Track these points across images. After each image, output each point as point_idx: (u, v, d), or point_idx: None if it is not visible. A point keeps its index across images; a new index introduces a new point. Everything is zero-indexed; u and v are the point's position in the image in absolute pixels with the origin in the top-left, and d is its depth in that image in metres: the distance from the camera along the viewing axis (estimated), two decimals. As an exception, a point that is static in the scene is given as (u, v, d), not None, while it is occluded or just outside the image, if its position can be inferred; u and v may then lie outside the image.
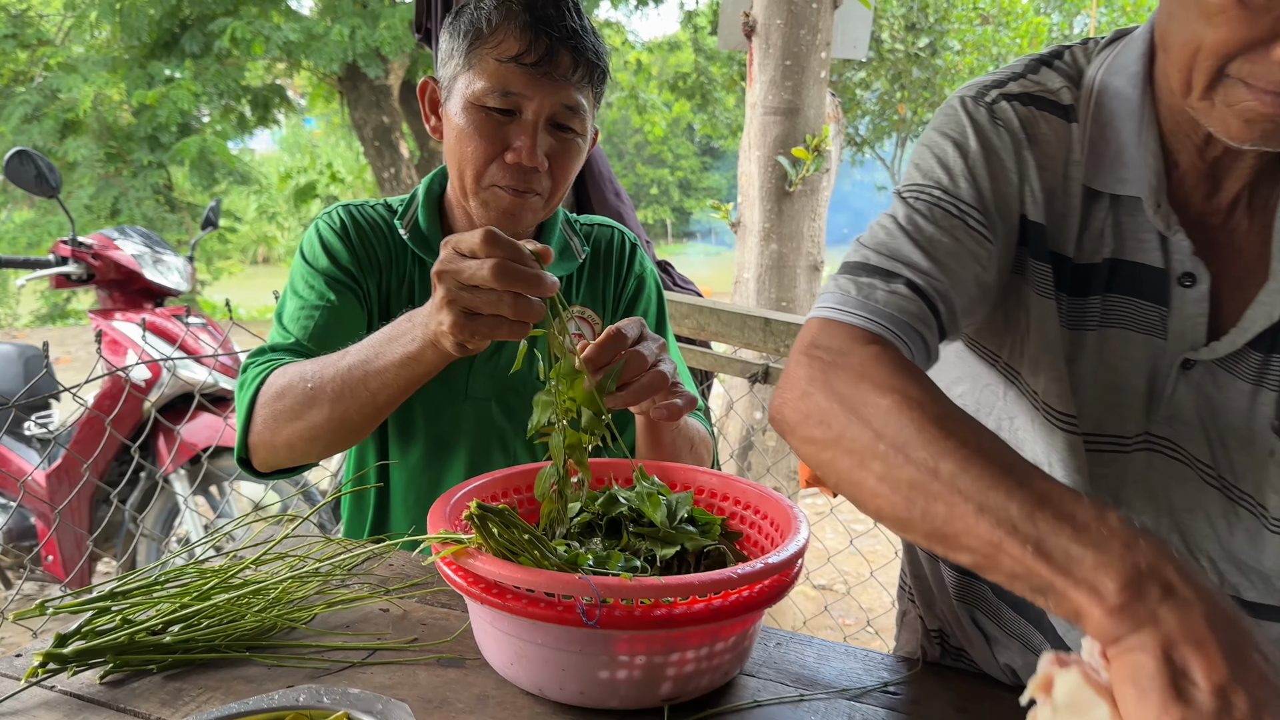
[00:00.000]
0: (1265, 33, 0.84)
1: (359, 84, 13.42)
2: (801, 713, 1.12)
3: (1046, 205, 1.06)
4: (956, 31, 14.68)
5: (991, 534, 0.74)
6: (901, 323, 0.97)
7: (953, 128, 1.08)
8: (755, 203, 4.25)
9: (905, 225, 1.04)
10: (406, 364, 1.24)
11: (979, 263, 1.03)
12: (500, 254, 1.09)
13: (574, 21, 1.46)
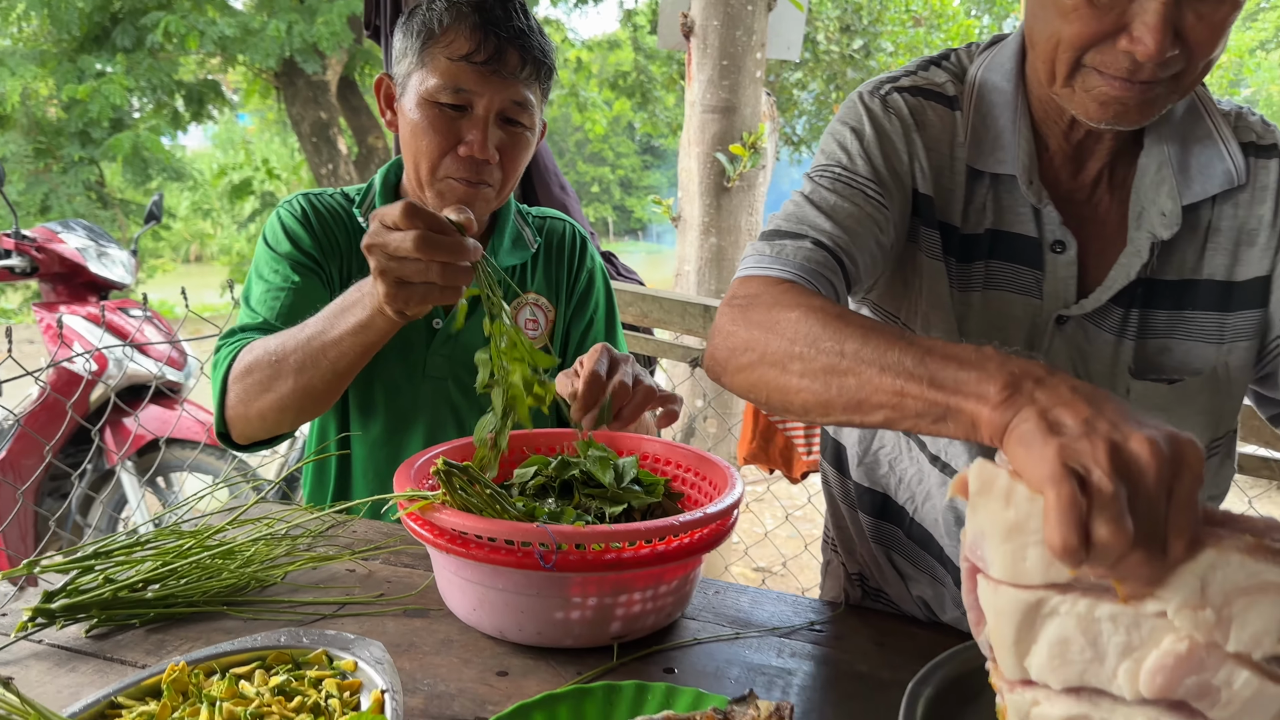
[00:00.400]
0: (1111, 27, 0.99)
1: (296, 80, 13.31)
2: (737, 649, 1.24)
3: (935, 181, 1.21)
4: (890, 33, 14.99)
5: (894, 384, 0.86)
6: (810, 269, 1.10)
7: (851, 117, 1.23)
8: (695, 198, 4.38)
9: (811, 197, 1.19)
10: (359, 332, 1.33)
11: (877, 225, 1.17)
12: (421, 225, 1.16)
13: (521, 22, 1.56)
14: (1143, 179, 1.18)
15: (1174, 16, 0.97)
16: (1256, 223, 1.18)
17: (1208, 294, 1.19)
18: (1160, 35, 0.96)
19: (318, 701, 1.01)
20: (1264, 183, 1.18)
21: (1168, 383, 1.19)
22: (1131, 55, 0.99)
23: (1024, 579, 0.71)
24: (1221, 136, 1.18)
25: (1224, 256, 1.19)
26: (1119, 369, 1.19)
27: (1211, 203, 1.19)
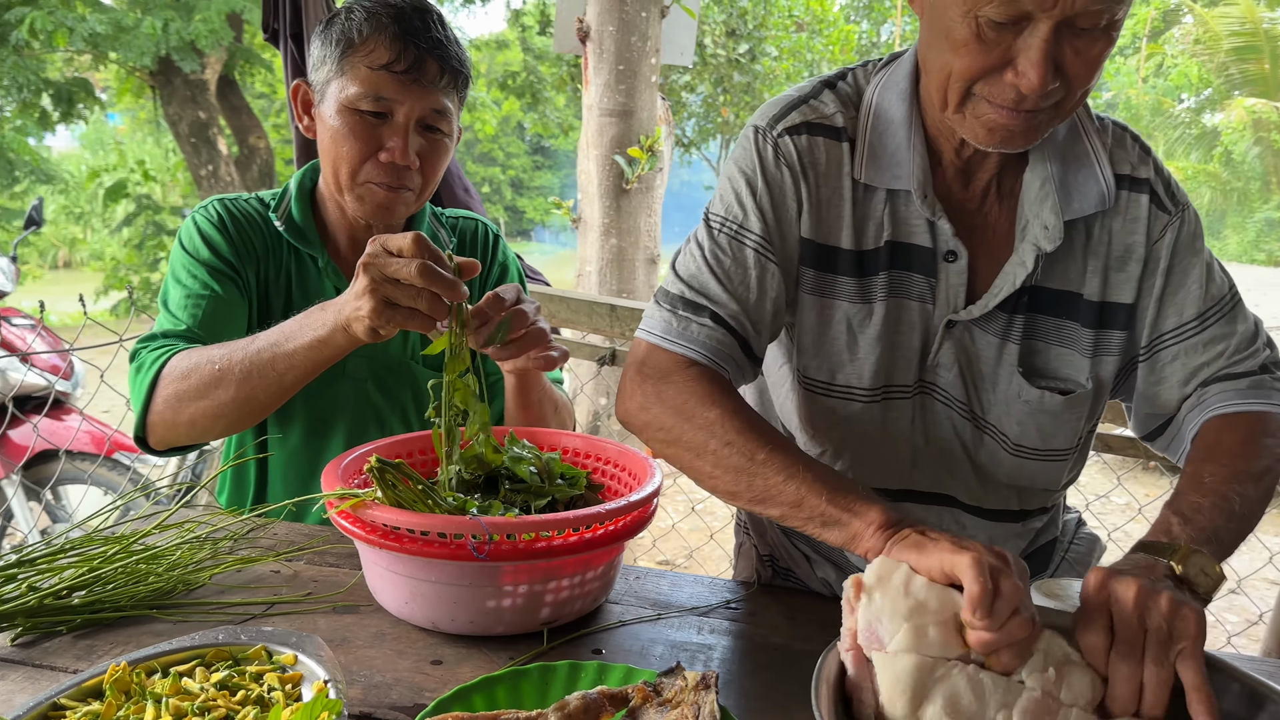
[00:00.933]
0: (998, 61, 1.09)
1: (173, 78, 12.87)
2: (660, 629, 1.31)
3: (819, 217, 1.30)
4: (774, 38, 15.35)
5: (797, 494, 1.09)
6: (716, 350, 1.25)
7: (746, 164, 1.31)
8: (595, 200, 4.45)
9: (710, 260, 1.29)
10: (315, 347, 1.36)
11: (770, 283, 1.28)
12: (427, 256, 1.24)
13: (439, 32, 1.60)
14: (1028, 193, 1.27)
15: (1055, 53, 1.06)
16: (1126, 252, 1.29)
17: (1085, 309, 1.29)
18: (1042, 70, 1.06)
19: (261, 695, 1.04)
20: (1135, 214, 1.29)
21: (1061, 394, 1.29)
22: (1017, 87, 1.09)
23: (925, 650, 0.91)
24: (1098, 159, 1.28)
25: (1098, 277, 1.29)
26: (1003, 369, 1.29)
27: (1090, 223, 1.29)
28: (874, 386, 1.31)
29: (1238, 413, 1.23)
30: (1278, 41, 20.13)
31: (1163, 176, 1.32)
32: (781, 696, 1.15)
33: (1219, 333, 1.28)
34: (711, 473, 1.17)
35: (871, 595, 0.96)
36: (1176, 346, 1.28)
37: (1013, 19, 1.05)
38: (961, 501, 1.35)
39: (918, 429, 1.33)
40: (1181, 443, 1.30)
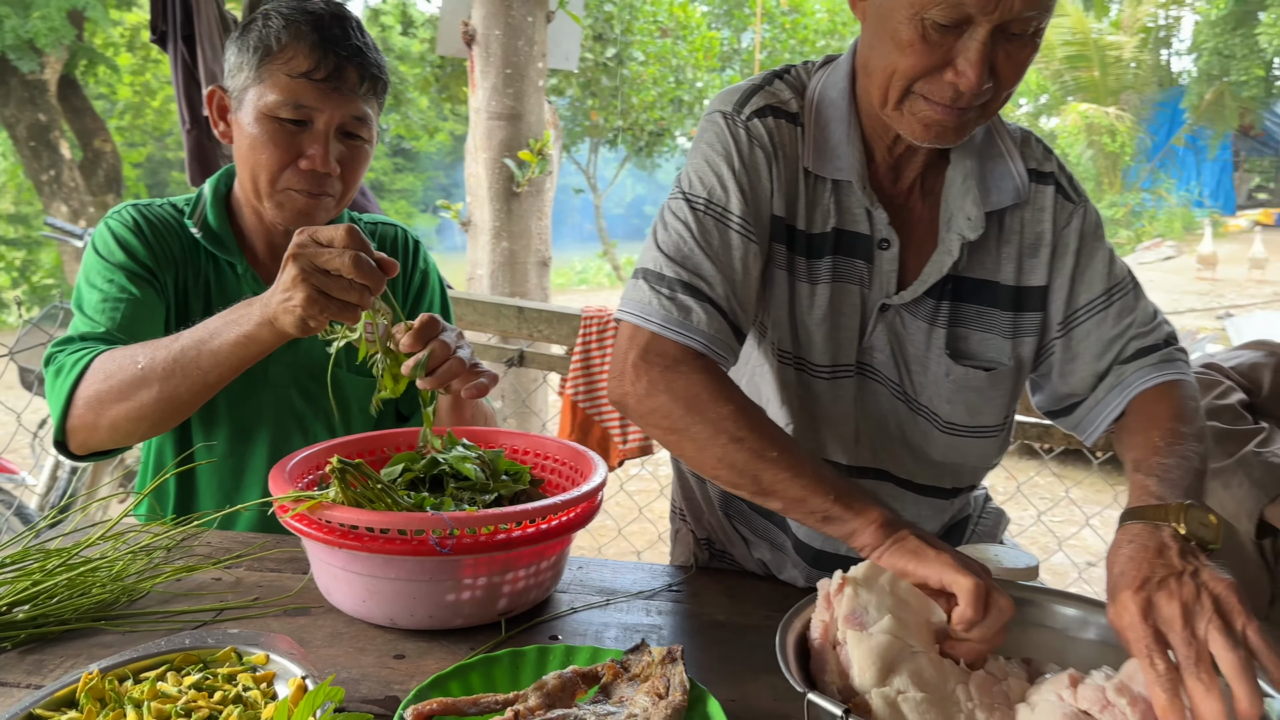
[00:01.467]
0: (939, 61, 1.20)
1: (9, 78, 12.12)
2: (610, 613, 1.38)
3: (786, 196, 1.38)
4: (640, 43, 15.55)
5: (802, 491, 1.16)
6: (713, 338, 1.28)
7: (722, 146, 1.37)
8: (485, 203, 4.46)
9: (699, 239, 1.31)
10: (241, 344, 1.36)
11: (754, 260, 1.34)
12: (359, 248, 1.27)
13: (358, 40, 1.61)
14: (950, 188, 1.39)
15: (990, 55, 1.18)
16: (1036, 238, 1.42)
17: (1003, 295, 1.42)
18: (980, 70, 1.17)
19: (238, 694, 1.05)
20: (1042, 204, 1.42)
21: (984, 370, 1.41)
22: (955, 85, 1.20)
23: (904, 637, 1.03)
24: (1011, 156, 1.41)
25: (1012, 264, 1.42)
26: (932, 352, 1.41)
27: (1004, 214, 1.41)
28: (822, 363, 1.41)
29: (1160, 384, 1.36)
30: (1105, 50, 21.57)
31: (1064, 171, 1.46)
32: (731, 667, 1.23)
33: (1126, 306, 1.41)
34: (715, 466, 1.22)
35: (858, 590, 1.07)
36: (1090, 321, 1.41)
37: (955, 22, 1.16)
38: (896, 477, 1.46)
39: (859, 407, 1.43)
40: (1098, 420, 1.42)
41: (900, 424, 1.43)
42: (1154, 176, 23.17)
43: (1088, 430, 1.45)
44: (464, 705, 1.05)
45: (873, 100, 1.29)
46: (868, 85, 1.31)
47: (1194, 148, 23.71)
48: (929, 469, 1.46)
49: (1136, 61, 22.35)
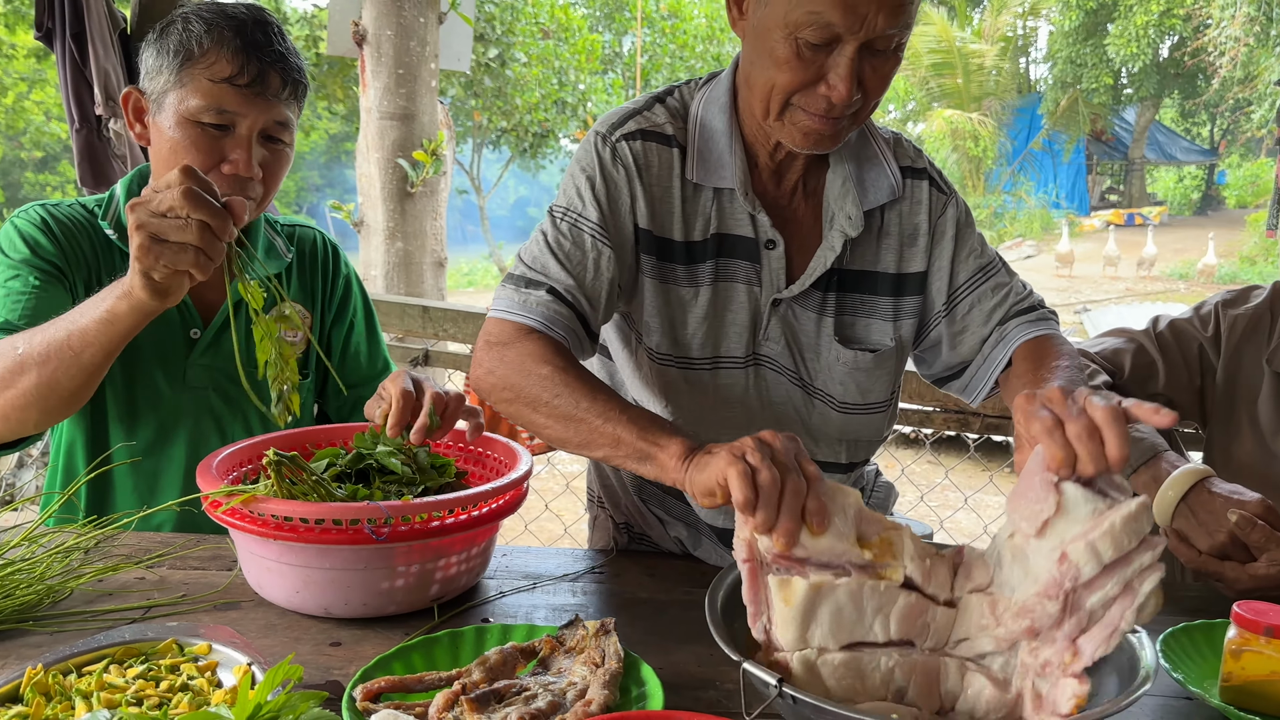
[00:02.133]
0: (813, 76, 1.32)
1: None
2: (538, 595, 1.44)
3: (653, 212, 1.48)
4: (522, 44, 15.53)
5: (614, 433, 1.24)
6: (550, 317, 1.39)
7: (587, 165, 1.48)
8: (378, 203, 4.43)
9: (552, 244, 1.45)
10: (106, 320, 1.35)
11: (606, 265, 1.44)
12: (191, 182, 1.25)
13: (280, 45, 1.62)
14: (831, 190, 1.51)
15: (858, 69, 1.30)
16: (915, 228, 1.56)
17: (884, 283, 1.55)
18: (849, 83, 1.29)
19: (184, 683, 1.07)
20: (918, 198, 1.56)
21: (871, 352, 1.54)
22: (828, 98, 1.32)
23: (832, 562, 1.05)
24: (885, 158, 1.55)
25: (893, 254, 1.55)
26: (823, 340, 1.53)
27: (882, 210, 1.54)
28: (702, 356, 1.52)
29: (1036, 336, 1.52)
30: (969, 59, 22.57)
31: (934, 167, 1.61)
32: (657, 639, 1.31)
33: (1001, 280, 1.57)
34: (545, 423, 1.32)
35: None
36: (971, 296, 1.56)
37: (826, 41, 1.28)
38: None
39: (753, 395, 1.54)
40: (984, 377, 1.57)
41: (798, 409, 1.54)
42: (1014, 179, 24.38)
43: (976, 388, 1.59)
44: (410, 683, 1.10)
45: (755, 112, 1.40)
46: (750, 99, 1.42)
47: (1050, 152, 25.06)
48: (829, 447, 1.58)
49: (997, 69, 23.48)
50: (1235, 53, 19.87)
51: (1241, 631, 1.20)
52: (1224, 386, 1.79)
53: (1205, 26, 21.26)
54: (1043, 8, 24.90)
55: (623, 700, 1.09)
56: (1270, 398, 1.73)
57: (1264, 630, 1.18)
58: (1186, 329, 1.84)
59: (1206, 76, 22.43)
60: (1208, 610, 1.38)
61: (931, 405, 2.86)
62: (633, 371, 1.58)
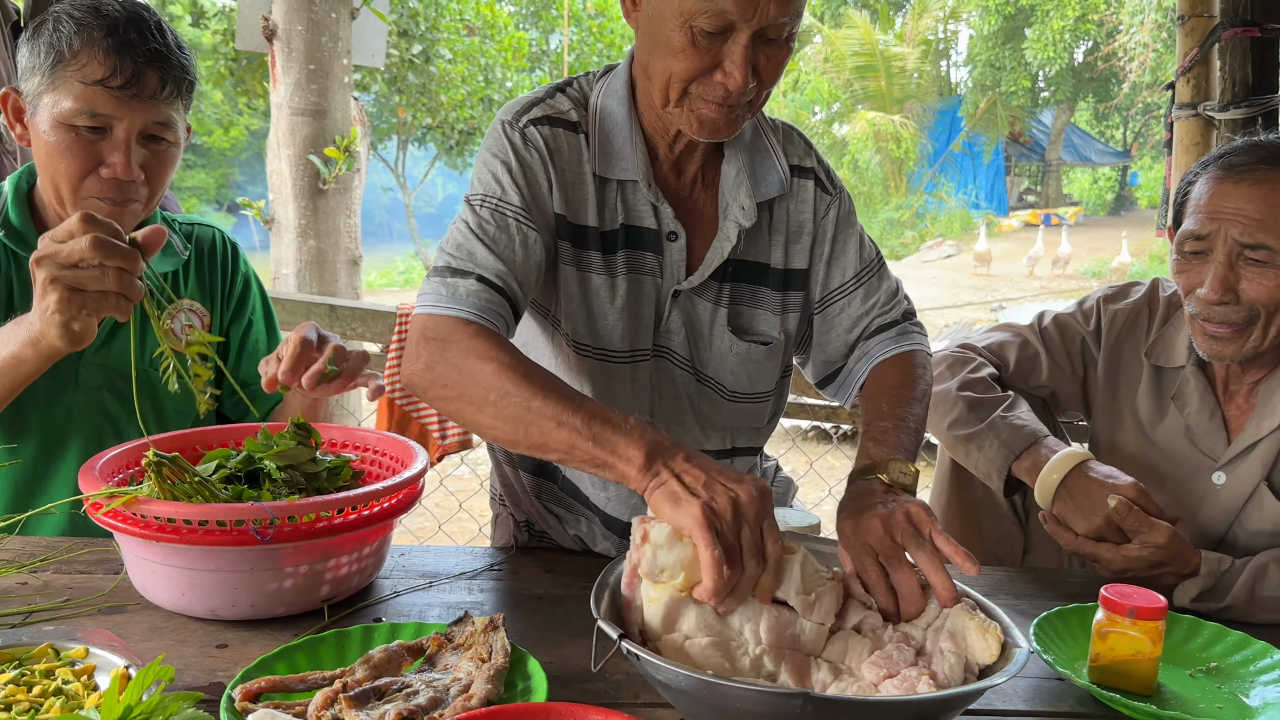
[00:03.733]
0: (709, 64, 1.34)
1: None
2: (434, 594, 1.44)
3: (567, 198, 1.48)
4: (446, 40, 15.37)
5: (568, 438, 1.20)
6: (483, 307, 1.35)
7: (499, 150, 1.47)
8: (289, 200, 4.35)
9: (475, 230, 1.42)
10: (10, 365, 1.33)
11: (533, 247, 1.43)
12: (98, 230, 1.22)
13: (157, 42, 1.54)
14: (726, 181, 1.54)
15: (752, 57, 1.33)
16: (799, 226, 1.59)
17: (773, 276, 1.58)
18: (743, 71, 1.32)
19: (58, 687, 1.05)
20: (804, 196, 1.59)
21: (762, 345, 1.57)
22: (724, 85, 1.34)
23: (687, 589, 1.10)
24: (775, 152, 1.58)
25: (781, 249, 1.59)
26: (717, 330, 1.55)
27: (773, 204, 1.58)
28: (622, 350, 1.52)
29: (895, 355, 1.58)
30: (891, 61, 22.96)
31: (823, 165, 1.64)
32: (552, 633, 1.32)
33: (872, 287, 1.62)
34: (492, 424, 1.27)
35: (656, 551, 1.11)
36: (842, 300, 1.61)
37: (720, 29, 1.31)
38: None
39: (655, 387, 1.56)
40: (850, 386, 1.63)
41: (690, 397, 1.57)
42: (935, 180, 24.88)
43: (844, 396, 1.66)
44: (292, 683, 1.09)
45: (654, 101, 1.42)
46: (648, 88, 1.43)
47: (970, 153, 25.62)
48: (715, 434, 1.61)
49: (919, 72, 23.93)
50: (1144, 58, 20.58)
51: (1108, 614, 1.26)
52: (1105, 378, 1.86)
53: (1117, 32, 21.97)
54: (963, 12, 25.48)
55: (507, 694, 1.10)
56: (1149, 389, 1.81)
57: (1128, 612, 1.24)
58: (1070, 323, 1.91)
59: (1118, 80, 23.18)
60: (1089, 595, 1.43)
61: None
62: (550, 357, 1.58)
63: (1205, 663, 1.35)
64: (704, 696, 1.00)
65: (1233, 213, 1.57)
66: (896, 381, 1.53)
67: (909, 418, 1.44)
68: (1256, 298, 1.57)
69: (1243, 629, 1.39)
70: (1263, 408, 1.67)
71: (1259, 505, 1.68)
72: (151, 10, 1.61)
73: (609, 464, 1.18)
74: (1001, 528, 1.92)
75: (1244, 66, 2.68)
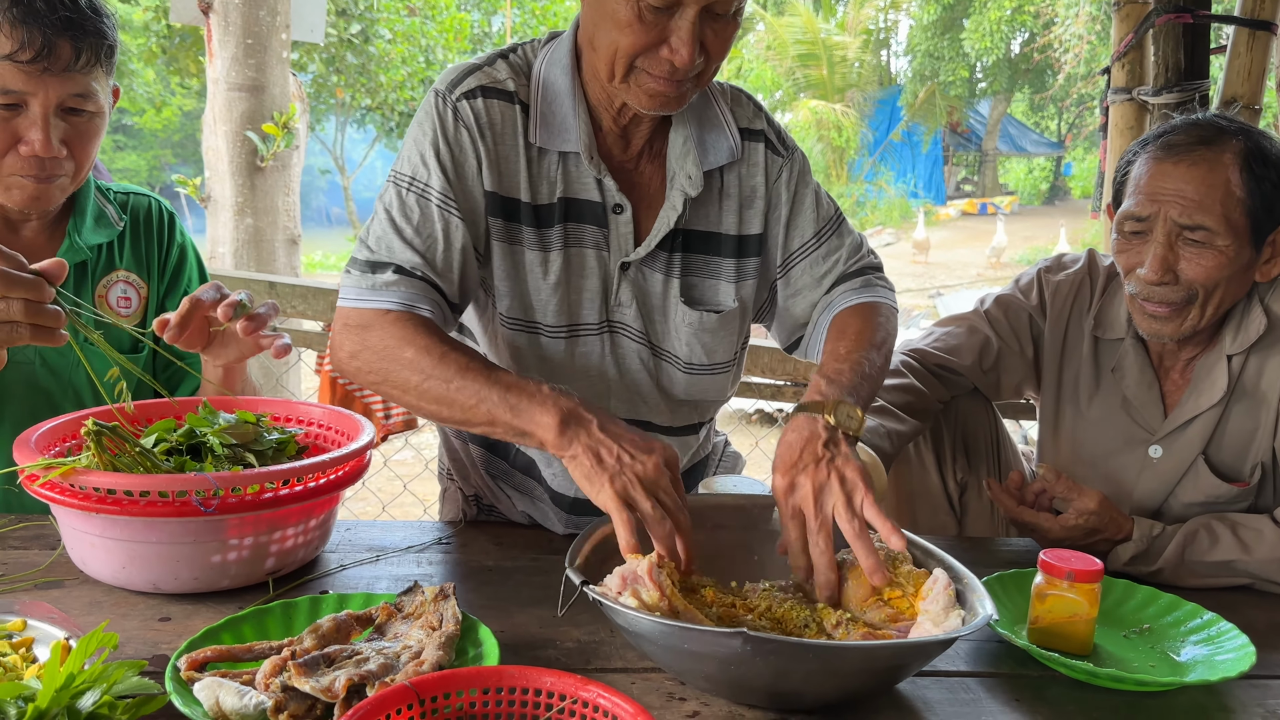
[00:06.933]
0: (656, 39, 1.32)
1: None
2: (382, 567, 1.43)
3: (499, 172, 1.46)
4: (386, 20, 15.13)
5: (489, 413, 1.27)
6: (403, 295, 1.36)
7: (428, 127, 1.45)
8: (226, 177, 4.26)
9: (396, 220, 1.41)
10: None
11: (454, 234, 1.42)
12: (3, 263, 1.16)
13: (67, 10, 1.46)
14: (673, 150, 1.53)
15: (699, 33, 1.32)
16: (752, 191, 1.59)
17: (726, 244, 1.58)
18: (691, 47, 1.31)
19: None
20: (755, 160, 1.59)
21: (715, 313, 1.56)
22: (671, 61, 1.33)
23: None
24: (725, 120, 1.57)
25: (734, 215, 1.58)
26: (669, 301, 1.55)
27: (723, 172, 1.57)
28: (558, 324, 1.51)
29: (857, 304, 1.58)
30: (833, 50, 23.13)
31: (773, 127, 1.64)
32: (500, 604, 1.32)
33: (833, 245, 1.62)
34: (418, 404, 1.35)
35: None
36: (804, 261, 1.61)
37: (667, 4, 1.29)
38: (655, 424, 1.59)
39: (609, 363, 1.55)
40: (817, 339, 1.62)
41: (647, 370, 1.56)
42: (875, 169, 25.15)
43: (814, 350, 1.64)
44: (239, 652, 1.08)
45: (600, 75, 1.41)
46: (594, 61, 1.42)
47: (909, 143, 25.94)
48: (675, 408, 1.61)
49: (860, 61, 24.13)
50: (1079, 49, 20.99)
51: (1047, 577, 1.29)
52: (1051, 350, 1.90)
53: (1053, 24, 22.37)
54: (902, 2, 25.75)
55: (459, 661, 1.10)
56: (1089, 361, 1.85)
57: (1066, 575, 1.27)
58: (1012, 301, 1.94)
59: (1054, 72, 23.62)
60: (1025, 563, 1.47)
61: (782, 379, 2.95)
62: (485, 338, 1.57)
63: (1139, 624, 1.39)
64: (658, 639, 1.07)
65: (1172, 194, 1.61)
66: (856, 327, 1.52)
67: (865, 363, 1.44)
68: (1195, 278, 1.61)
69: (1174, 592, 1.43)
70: (1199, 383, 1.72)
71: (1194, 479, 1.73)
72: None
73: (529, 432, 1.26)
74: (936, 518, 1.96)
75: (1176, 52, 2.75)
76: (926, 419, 1.86)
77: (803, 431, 1.30)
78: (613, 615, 1.09)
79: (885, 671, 1.11)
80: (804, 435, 1.30)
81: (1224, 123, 1.65)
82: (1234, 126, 1.64)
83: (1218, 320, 1.68)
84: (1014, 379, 1.95)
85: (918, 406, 1.83)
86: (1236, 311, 1.69)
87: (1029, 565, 1.39)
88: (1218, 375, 1.70)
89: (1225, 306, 1.66)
